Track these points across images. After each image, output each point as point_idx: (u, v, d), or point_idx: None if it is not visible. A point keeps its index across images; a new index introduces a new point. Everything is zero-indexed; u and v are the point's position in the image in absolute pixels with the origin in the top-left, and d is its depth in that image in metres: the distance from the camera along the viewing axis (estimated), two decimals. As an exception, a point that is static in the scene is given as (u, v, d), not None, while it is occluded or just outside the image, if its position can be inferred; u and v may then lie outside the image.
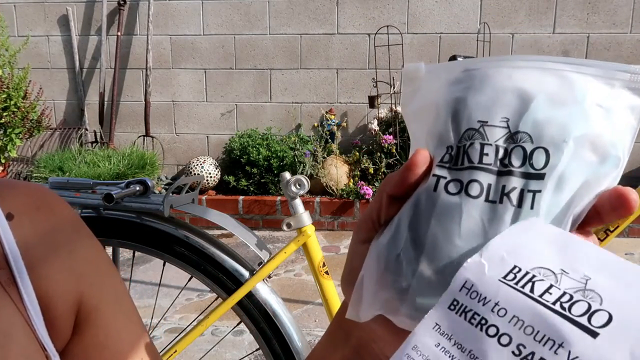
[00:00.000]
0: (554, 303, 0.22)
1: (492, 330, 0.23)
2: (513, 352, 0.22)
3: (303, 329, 2.02)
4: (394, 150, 3.44)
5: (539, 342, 0.22)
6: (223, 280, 0.90)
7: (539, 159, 0.26)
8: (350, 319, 0.32)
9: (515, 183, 0.27)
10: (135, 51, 3.88)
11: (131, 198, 0.88)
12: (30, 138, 3.59)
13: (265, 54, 3.77)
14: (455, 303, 0.25)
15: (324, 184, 3.42)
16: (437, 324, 0.25)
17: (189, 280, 1.01)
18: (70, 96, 4.01)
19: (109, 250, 0.98)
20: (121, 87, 3.94)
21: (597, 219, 0.25)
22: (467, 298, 0.24)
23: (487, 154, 0.26)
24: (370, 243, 0.31)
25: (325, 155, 3.61)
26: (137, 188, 0.88)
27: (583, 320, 0.21)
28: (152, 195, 0.89)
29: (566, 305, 0.22)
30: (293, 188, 0.95)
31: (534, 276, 0.24)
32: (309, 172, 3.50)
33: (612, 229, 0.77)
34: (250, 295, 0.91)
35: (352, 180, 3.47)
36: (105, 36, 3.83)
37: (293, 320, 0.93)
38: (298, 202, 0.97)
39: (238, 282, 0.90)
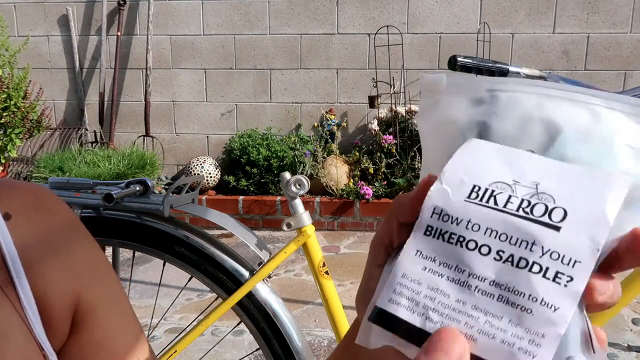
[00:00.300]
0: (517, 210, 0.25)
1: (471, 245, 0.26)
2: (495, 258, 0.25)
3: (303, 329, 2.02)
4: (394, 150, 3.44)
5: (515, 245, 0.25)
6: (223, 280, 0.90)
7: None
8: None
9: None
10: (135, 51, 3.89)
11: (131, 198, 0.88)
12: (30, 138, 3.59)
13: (265, 54, 3.77)
14: (429, 229, 0.27)
15: (324, 184, 3.42)
16: (418, 251, 0.27)
17: (189, 280, 1.01)
18: (70, 96, 4.01)
19: (109, 250, 0.98)
20: (121, 87, 3.94)
21: (618, 263, 0.25)
22: (440, 222, 0.27)
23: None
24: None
25: (325, 155, 3.61)
26: (137, 188, 0.88)
27: (545, 219, 0.25)
28: (152, 195, 0.89)
29: (528, 210, 0.25)
30: (293, 188, 0.95)
31: (493, 191, 0.26)
32: (309, 172, 3.50)
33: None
34: (250, 295, 0.91)
35: (352, 180, 3.47)
36: (105, 36, 3.83)
37: (293, 320, 0.93)
38: (298, 202, 0.97)
39: (238, 282, 0.90)
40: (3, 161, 3.29)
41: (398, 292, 0.26)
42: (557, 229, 0.24)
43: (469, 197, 0.27)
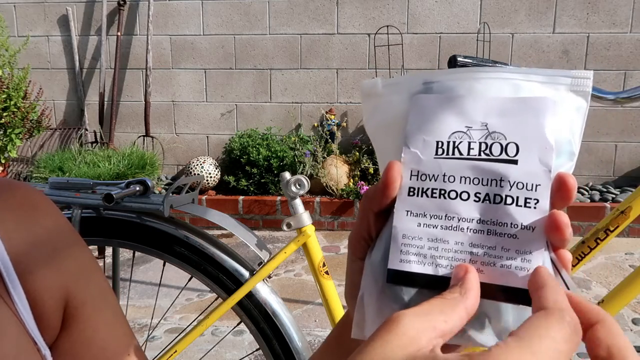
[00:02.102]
0: (479, 154, 0.30)
1: (452, 194, 0.30)
2: (474, 200, 0.29)
3: (303, 329, 2.02)
4: (394, 150, 3.44)
5: (487, 185, 0.29)
6: (223, 280, 0.90)
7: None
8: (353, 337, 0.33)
9: None
10: (135, 51, 3.89)
11: (131, 198, 0.88)
12: (30, 138, 3.59)
13: (265, 54, 3.77)
14: (412, 190, 0.31)
15: (324, 184, 3.42)
16: (407, 211, 0.30)
17: (189, 280, 1.01)
18: (70, 96, 4.01)
19: (109, 250, 0.98)
20: (121, 87, 3.94)
21: (551, 203, 0.30)
22: (419, 182, 0.30)
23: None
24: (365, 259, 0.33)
25: (325, 155, 3.61)
26: (137, 188, 0.88)
27: (504, 156, 0.29)
28: (152, 195, 0.89)
29: (487, 152, 0.30)
30: (293, 188, 0.95)
31: (454, 142, 0.30)
32: (309, 172, 3.50)
33: (612, 229, 0.77)
34: (250, 295, 0.91)
35: (352, 180, 3.47)
36: (105, 36, 3.83)
37: (293, 320, 0.93)
38: (298, 202, 0.97)
39: (238, 282, 0.90)
40: (3, 161, 3.29)
41: (405, 252, 0.30)
42: (515, 162, 0.29)
43: (436, 154, 0.30)
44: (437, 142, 0.31)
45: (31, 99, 3.51)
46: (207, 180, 3.61)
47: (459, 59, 0.80)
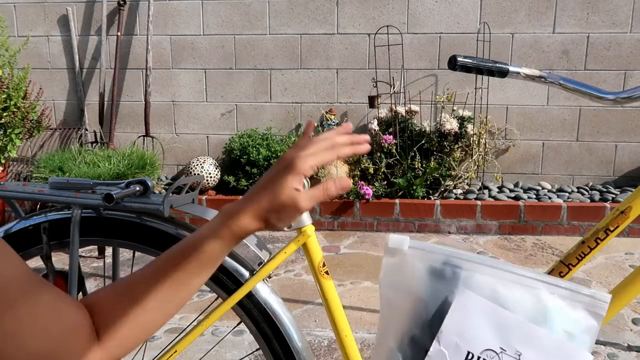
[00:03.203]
0: None
1: None
2: None
3: (303, 329, 2.02)
4: (394, 150, 3.44)
5: None
6: (223, 280, 0.90)
7: None
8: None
9: None
10: (135, 51, 3.89)
11: (131, 198, 0.88)
12: (30, 138, 3.59)
13: (265, 54, 3.77)
14: None
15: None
16: None
17: (189, 280, 1.00)
18: (70, 96, 4.01)
19: (109, 250, 0.97)
20: (121, 87, 3.94)
21: None
22: None
23: None
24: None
25: (325, 155, 3.60)
26: (137, 188, 0.88)
27: None
28: (152, 195, 0.89)
29: None
30: (293, 188, 0.94)
31: (484, 359, 0.31)
32: (309, 172, 3.50)
33: (612, 229, 0.77)
34: (250, 295, 0.91)
35: (352, 180, 3.47)
36: (105, 36, 3.83)
37: (293, 320, 0.93)
38: (298, 202, 0.97)
39: (238, 282, 0.90)
40: (3, 161, 3.29)
41: None
42: None
43: None
44: (468, 353, 0.31)
45: (31, 99, 3.51)
46: (207, 180, 3.61)
47: (459, 59, 0.80)
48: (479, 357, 0.31)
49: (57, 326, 0.49)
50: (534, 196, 3.41)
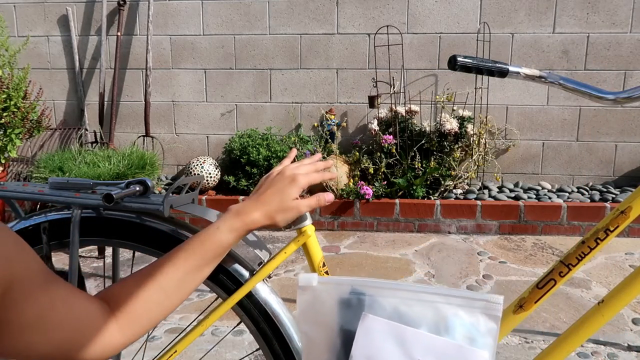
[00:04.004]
0: None
1: None
2: None
3: (303, 329, 2.01)
4: (394, 150, 3.44)
5: None
6: (223, 280, 0.90)
7: None
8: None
9: None
10: (135, 51, 3.89)
11: (131, 198, 0.88)
12: (30, 138, 3.59)
13: (265, 54, 3.77)
14: None
15: (324, 184, 3.42)
16: None
17: (189, 280, 1.00)
18: (70, 96, 4.01)
19: (109, 250, 0.97)
20: (121, 87, 3.94)
21: None
22: None
23: None
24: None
25: (325, 155, 3.61)
26: (137, 188, 0.88)
27: None
28: (152, 195, 0.89)
29: None
30: (293, 188, 0.94)
31: None
32: (309, 172, 3.50)
33: (612, 229, 0.77)
34: (250, 295, 0.91)
35: (352, 180, 3.47)
36: (105, 36, 3.83)
37: (293, 320, 0.93)
38: (298, 202, 0.97)
39: (238, 282, 0.90)
40: (3, 161, 3.29)
41: None
42: None
43: None
44: None
45: (31, 99, 3.51)
46: (207, 180, 3.61)
47: (458, 59, 0.80)
48: None
49: (75, 315, 0.54)
50: (534, 196, 3.41)
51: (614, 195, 3.37)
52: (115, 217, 0.91)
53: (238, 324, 0.98)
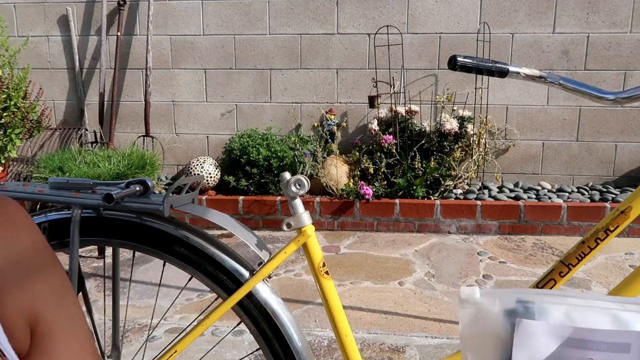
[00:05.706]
0: None
1: None
2: None
3: (303, 329, 2.02)
4: (394, 150, 3.44)
5: None
6: (223, 280, 0.90)
7: None
8: None
9: None
10: (135, 51, 3.89)
11: (131, 198, 0.88)
12: (30, 138, 3.59)
13: (265, 54, 3.77)
14: None
15: (324, 184, 3.42)
16: None
17: (189, 280, 1.01)
18: (70, 96, 4.01)
19: (109, 250, 0.98)
20: (121, 87, 3.94)
21: None
22: None
23: None
24: None
25: (325, 155, 3.61)
26: (137, 188, 0.88)
27: None
28: (152, 195, 0.89)
29: None
30: (293, 188, 0.95)
31: None
32: (309, 172, 3.50)
33: (612, 229, 0.77)
34: (250, 295, 0.91)
35: (352, 180, 3.47)
36: (105, 36, 3.83)
37: (293, 320, 0.93)
38: (298, 202, 0.97)
39: (238, 282, 0.90)
40: (3, 161, 3.29)
41: None
42: None
43: None
44: None
45: (31, 99, 3.51)
46: (207, 180, 3.61)
47: (458, 59, 0.80)
48: None
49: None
50: (534, 196, 3.41)
51: (614, 195, 3.37)
52: (115, 217, 0.91)
53: (238, 324, 0.98)
